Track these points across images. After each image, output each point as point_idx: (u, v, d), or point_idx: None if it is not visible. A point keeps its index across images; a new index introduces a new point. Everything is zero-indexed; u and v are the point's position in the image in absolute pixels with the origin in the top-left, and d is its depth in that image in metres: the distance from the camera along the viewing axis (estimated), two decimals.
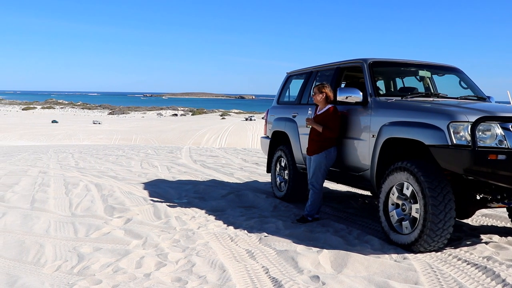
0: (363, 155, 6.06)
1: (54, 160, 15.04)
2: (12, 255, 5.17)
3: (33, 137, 62.21)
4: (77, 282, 4.34)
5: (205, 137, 62.01)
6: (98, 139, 59.34)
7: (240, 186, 9.53)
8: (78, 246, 5.42)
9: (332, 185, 9.48)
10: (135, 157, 15.80)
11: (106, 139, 58.73)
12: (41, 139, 58.49)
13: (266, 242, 5.56)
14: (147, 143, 46.99)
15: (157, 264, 4.82)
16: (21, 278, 4.45)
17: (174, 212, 7.03)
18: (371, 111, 5.96)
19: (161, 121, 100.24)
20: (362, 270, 4.61)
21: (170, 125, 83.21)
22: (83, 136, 62.80)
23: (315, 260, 4.87)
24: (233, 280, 4.36)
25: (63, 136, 63.18)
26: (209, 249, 5.30)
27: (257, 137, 57.64)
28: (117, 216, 6.81)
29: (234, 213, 7.10)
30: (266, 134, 9.01)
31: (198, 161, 14.54)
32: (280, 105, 8.73)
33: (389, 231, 5.45)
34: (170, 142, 52.66)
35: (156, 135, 63.60)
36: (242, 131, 67.83)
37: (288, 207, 7.51)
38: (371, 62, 6.50)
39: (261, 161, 14.19)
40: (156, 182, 10.09)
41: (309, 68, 8.07)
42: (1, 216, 6.80)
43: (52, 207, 7.44)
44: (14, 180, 10.23)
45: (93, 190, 8.85)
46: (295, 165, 7.82)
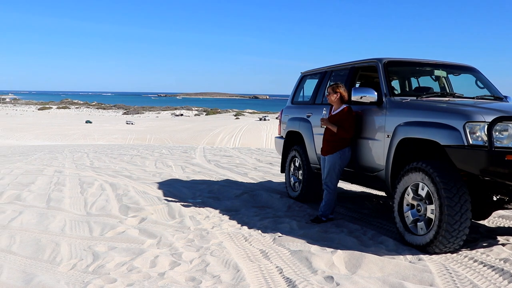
0: (377, 156, 6.03)
1: (69, 159, 15.15)
2: (28, 253, 5.22)
3: (49, 136, 62.74)
4: (92, 280, 4.37)
5: (219, 137, 62.10)
6: (113, 138, 59.70)
7: (254, 186, 9.53)
8: (93, 245, 5.45)
9: (347, 185, 9.45)
10: (149, 156, 15.86)
11: (120, 139, 59.06)
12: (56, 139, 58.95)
13: (280, 242, 5.55)
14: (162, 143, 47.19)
15: (171, 264, 4.83)
16: (37, 276, 4.48)
17: (188, 212, 7.04)
18: (386, 111, 5.92)
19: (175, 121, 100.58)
20: (377, 271, 4.58)
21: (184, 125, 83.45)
22: (98, 136, 63.20)
23: (329, 261, 4.85)
24: (247, 280, 4.36)
25: (78, 136, 63.64)
26: (223, 249, 5.30)
27: (271, 137, 57.59)
28: (132, 216, 6.84)
29: (248, 213, 7.10)
30: (280, 134, 9.00)
31: (212, 161, 14.57)
32: (295, 105, 8.71)
33: (404, 232, 5.41)
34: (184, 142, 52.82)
35: (171, 135, 63.83)
36: (256, 131, 67.81)
37: (302, 207, 7.49)
38: (386, 61, 6.46)
39: (275, 161, 14.18)
40: (171, 181, 10.12)
41: (324, 68, 8.05)
42: (17, 215, 6.86)
43: (68, 206, 7.49)
44: (30, 179, 10.32)
45: (108, 190, 8.90)
46: (309, 165, 7.80)
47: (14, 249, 5.35)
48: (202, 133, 65.76)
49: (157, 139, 59.24)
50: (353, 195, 8.67)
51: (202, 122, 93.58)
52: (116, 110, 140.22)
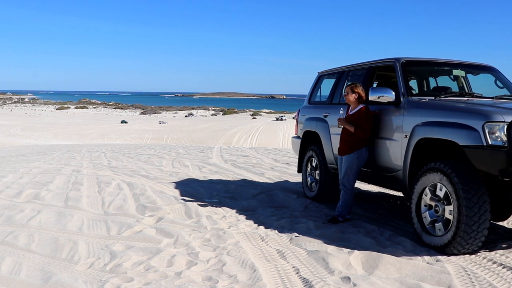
0: (395, 156, 5.99)
1: (87, 159, 15.26)
2: (46, 252, 5.27)
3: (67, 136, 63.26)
4: (110, 279, 4.40)
5: (236, 136, 62.12)
6: (130, 138, 60.01)
7: (271, 186, 9.52)
8: (111, 244, 5.49)
9: (364, 185, 9.41)
10: (166, 156, 15.92)
11: (138, 139, 59.35)
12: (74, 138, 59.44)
13: (296, 242, 5.54)
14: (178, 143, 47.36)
15: (188, 263, 4.84)
16: (55, 275, 4.53)
17: (205, 212, 7.06)
18: (403, 111, 5.88)
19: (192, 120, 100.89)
20: (394, 272, 4.55)
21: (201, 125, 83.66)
22: (115, 136, 63.58)
23: (346, 261, 4.83)
24: (264, 280, 4.36)
25: (96, 136, 64.07)
26: (240, 248, 5.30)
27: (288, 137, 57.49)
28: (149, 215, 6.87)
29: (265, 213, 7.10)
30: (297, 134, 8.98)
31: (229, 160, 14.59)
32: (311, 105, 8.69)
33: (422, 233, 5.37)
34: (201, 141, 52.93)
35: (187, 135, 63.99)
36: (273, 131, 67.71)
37: (319, 207, 7.47)
38: (403, 61, 6.42)
39: (292, 161, 14.16)
40: (187, 181, 10.15)
41: (341, 68, 8.02)
42: (36, 213, 6.93)
43: (85, 205, 7.55)
44: (48, 178, 10.42)
45: (125, 189, 8.95)
46: (326, 165, 7.77)
47: (33, 247, 5.41)
48: (219, 133, 65.83)
49: (174, 138, 59.40)
50: (370, 195, 8.63)
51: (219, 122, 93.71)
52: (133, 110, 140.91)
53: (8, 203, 7.69)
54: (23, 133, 66.90)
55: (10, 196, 8.31)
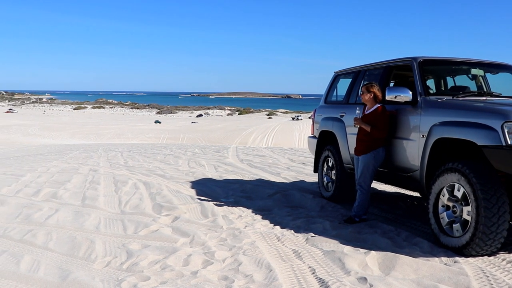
0: (412, 156, 5.94)
1: (104, 158, 15.36)
2: (64, 250, 5.31)
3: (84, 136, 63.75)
4: (126, 278, 4.42)
5: (251, 136, 62.16)
6: (146, 138, 60.30)
7: (287, 186, 9.51)
8: (127, 243, 5.52)
9: (380, 185, 9.35)
10: (182, 156, 15.97)
11: (154, 138, 59.63)
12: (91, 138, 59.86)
13: (313, 242, 5.52)
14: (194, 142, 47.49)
15: (204, 262, 4.85)
16: (72, 273, 4.56)
17: (221, 211, 7.07)
18: (420, 111, 5.84)
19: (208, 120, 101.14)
20: (411, 273, 4.52)
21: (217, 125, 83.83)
22: (131, 135, 63.94)
23: (362, 262, 4.81)
24: (280, 280, 4.35)
25: (112, 135, 64.48)
26: (256, 248, 5.30)
27: (303, 137, 57.39)
28: (165, 214, 6.89)
29: (281, 213, 7.09)
30: (313, 134, 8.96)
31: (245, 160, 14.59)
32: (328, 105, 8.66)
33: (439, 234, 5.32)
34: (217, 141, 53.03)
35: (203, 134, 64.15)
36: (289, 131, 67.66)
37: (335, 208, 7.44)
38: (421, 60, 6.36)
39: (308, 161, 14.13)
40: (203, 181, 10.17)
41: (357, 67, 7.98)
42: (53, 212, 7.00)
43: (102, 204, 7.60)
44: (66, 177, 10.51)
45: (142, 188, 9.00)
46: (342, 165, 7.74)
47: (51, 246, 5.46)
48: (235, 133, 65.92)
49: (190, 138, 59.60)
50: (386, 196, 8.58)
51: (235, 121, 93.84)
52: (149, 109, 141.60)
53: (26, 202, 7.77)
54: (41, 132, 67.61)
55: (29, 195, 8.40)
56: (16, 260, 4.96)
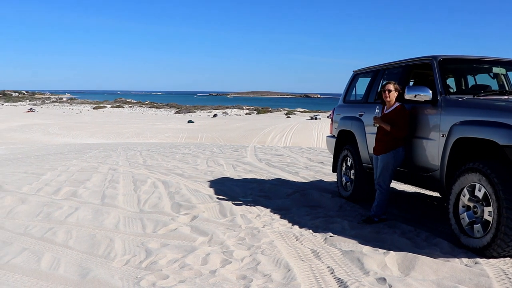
0: (432, 155, 5.88)
1: (123, 157, 15.47)
2: (84, 248, 5.36)
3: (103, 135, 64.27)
4: (145, 276, 4.45)
5: (270, 135, 62.17)
6: (165, 137, 60.64)
7: (305, 185, 9.48)
8: (146, 242, 5.55)
9: (399, 185, 9.28)
10: (201, 155, 16.01)
11: (172, 138, 59.93)
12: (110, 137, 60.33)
13: (331, 242, 5.50)
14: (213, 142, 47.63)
15: (222, 261, 4.86)
16: (92, 271, 4.60)
17: (239, 210, 7.07)
18: (441, 110, 5.77)
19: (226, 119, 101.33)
20: (431, 274, 4.47)
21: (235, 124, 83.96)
22: (150, 135, 64.32)
23: (381, 262, 4.77)
24: (298, 280, 4.34)
25: (131, 134, 64.93)
26: (274, 247, 5.29)
27: (322, 136, 57.25)
28: (184, 213, 6.92)
29: (299, 212, 7.07)
30: (332, 133, 8.93)
31: (263, 159, 14.58)
32: (347, 104, 8.62)
33: (460, 234, 5.26)
34: (236, 140, 53.12)
35: (222, 134, 64.33)
36: (307, 130, 67.56)
37: (354, 207, 7.40)
38: (441, 59, 6.29)
39: (326, 160, 14.07)
40: (222, 180, 10.19)
41: (376, 66, 7.93)
42: (74, 211, 7.06)
43: (121, 203, 7.65)
44: (85, 176, 10.60)
45: (160, 187, 9.04)
46: (361, 164, 7.70)
47: (71, 243, 5.51)
48: (253, 132, 65.99)
49: (209, 137, 59.80)
50: (406, 196, 8.52)
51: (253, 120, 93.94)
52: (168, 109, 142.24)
53: (47, 200, 7.86)
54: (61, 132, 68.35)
55: (49, 194, 8.48)
56: (37, 258, 5.02)
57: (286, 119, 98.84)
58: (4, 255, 5.14)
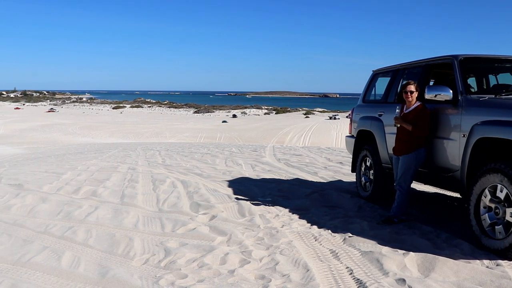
0: (452, 156, 5.82)
1: (142, 157, 15.55)
2: (103, 247, 5.40)
3: (122, 135, 64.73)
4: (164, 275, 4.47)
5: (288, 135, 62.10)
6: (183, 137, 60.87)
7: (324, 185, 9.45)
8: (165, 241, 5.57)
9: (419, 186, 9.21)
10: (219, 155, 16.03)
11: (191, 137, 60.14)
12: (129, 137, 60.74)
13: (350, 243, 5.48)
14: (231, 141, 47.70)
15: (241, 261, 4.86)
16: (112, 269, 4.63)
17: (258, 210, 7.07)
18: (461, 110, 5.71)
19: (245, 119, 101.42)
20: (451, 275, 4.43)
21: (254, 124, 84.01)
22: (169, 134, 64.63)
23: (401, 263, 4.74)
24: (317, 280, 4.33)
25: (150, 134, 65.30)
26: (293, 248, 5.28)
27: (341, 136, 57.03)
28: (202, 213, 6.93)
29: (318, 213, 7.04)
30: (351, 133, 8.89)
31: (282, 159, 14.56)
32: (366, 104, 8.58)
33: (481, 236, 5.20)
34: (254, 140, 53.14)
35: (240, 134, 64.40)
36: (326, 130, 67.35)
37: (373, 208, 7.35)
38: (462, 58, 6.23)
39: (345, 160, 14.01)
40: (241, 180, 10.19)
41: (396, 66, 7.87)
42: (93, 210, 7.12)
43: (141, 203, 7.69)
44: (105, 175, 10.67)
45: (179, 187, 9.07)
46: (381, 165, 7.65)
47: (91, 242, 5.56)
48: (272, 132, 65.95)
49: (227, 137, 59.91)
50: (426, 196, 8.45)
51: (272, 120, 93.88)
52: (187, 109, 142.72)
53: (67, 199, 7.93)
54: (81, 131, 68.99)
55: (69, 193, 8.56)
56: (57, 256, 5.07)
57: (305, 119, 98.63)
58: (26, 253, 5.21)
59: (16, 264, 4.91)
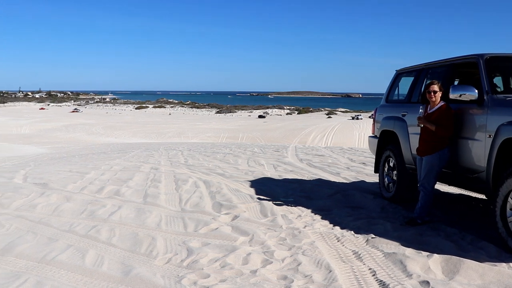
0: (478, 156, 5.74)
1: (164, 157, 15.62)
2: (126, 246, 5.44)
3: (145, 135, 65.19)
4: (186, 275, 4.48)
5: (311, 136, 61.92)
6: (206, 137, 61.09)
7: (347, 186, 9.39)
8: (188, 241, 5.59)
9: (443, 187, 9.10)
10: (242, 155, 16.04)
11: (213, 137, 60.33)
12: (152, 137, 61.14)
13: (373, 244, 5.43)
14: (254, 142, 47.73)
15: (263, 261, 4.85)
16: (135, 268, 4.67)
17: (280, 210, 7.05)
18: (487, 110, 5.63)
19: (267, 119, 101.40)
20: (477, 278, 4.36)
21: (276, 124, 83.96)
22: (191, 134, 64.90)
23: (424, 265, 4.69)
24: (339, 281, 4.30)
25: (173, 134, 65.65)
26: (315, 248, 5.26)
27: (363, 136, 56.72)
28: (225, 213, 6.94)
29: (341, 213, 7.00)
30: (374, 134, 8.82)
31: (304, 160, 14.52)
32: (389, 104, 8.51)
33: (507, 238, 5.11)
34: (276, 140, 53.10)
35: (262, 134, 64.39)
36: (349, 130, 67.01)
37: (397, 209, 7.29)
38: (487, 57, 6.14)
39: (368, 161, 13.91)
40: (263, 180, 10.18)
41: (420, 65, 7.79)
42: (117, 209, 7.18)
43: (163, 202, 7.72)
44: (128, 175, 10.74)
45: (202, 187, 9.09)
46: (404, 165, 7.57)
47: (114, 241, 5.60)
48: (294, 132, 65.84)
49: (249, 137, 59.95)
50: (450, 197, 8.34)
51: (294, 120, 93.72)
52: (209, 109, 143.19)
53: (91, 199, 8.01)
54: (104, 131, 69.65)
55: (93, 192, 8.64)
56: (81, 255, 5.13)
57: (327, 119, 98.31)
58: (50, 251, 5.27)
59: (41, 262, 4.98)
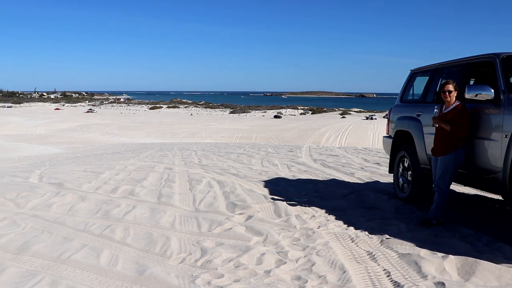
0: (494, 156, 5.69)
1: (178, 157, 15.66)
2: (141, 245, 5.46)
3: (159, 135, 65.43)
4: (200, 275, 4.49)
5: (325, 136, 61.78)
6: (220, 137, 61.18)
7: (361, 186, 9.35)
8: (202, 240, 5.60)
9: (459, 187, 9.03)
10: (255, 155, 16.04)
11: (227, 137, 60.40)
12: (166, 137, 61.35)
13: (387, 245, 5.40)
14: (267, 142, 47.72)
15: (277, 262, 4.85)
16: (149, 268, 4.68)
17: (294, 211, 7.04)
18: (503, 110, 5.57)
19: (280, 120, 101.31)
20: (493, 280, 4.32)
21: (289, 124, 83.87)
22: (205, 134, 65.04)
23: (440, 266, 4.65)
24: (353, 282, 4.29)
25: (187, 134, 65.83)
26: (329, 249, 5.25)
27: (378, 136, 56.49)
28: (239, 213, 6.94)
29: (355, 214, 6.98)
30: (388, 134, 8.78)
31: (318, 160, 14.48)
32: (404, 104, 8.46)
33: None
34: (290, 140, 53.05)
35: (276, 134, 64.35)
36: (363, 130, 66.75)
37: (411, 209, 7.24)
38: (504, 56, 6.08)
39: (382, 161, 13.84)
40: (277, 180, 10.17)
41: (435, 65, 7.74)
42: (131, 209, 7.21)
43: (177, 202, 7.75)
44: (142, 175, 10.79)
45: (216, 187, 9.10)
46: (419, 165, 7.52)
47: (128, 241, 5.63)
48: (308, 132, 65.73)
49: (263, 137, 59.94)
50: (465, 198, 8.28)
51: (308, 121, 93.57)
52: (223, 109, 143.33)
53: (105, 198, 8.05)
54: (118, 131, 70.03)
55: (107, 192, 8.69)
56: (96, 254, 5.16)
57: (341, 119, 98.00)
58: (66, 250, 5.31)
59: (57, 261, 5.02)
